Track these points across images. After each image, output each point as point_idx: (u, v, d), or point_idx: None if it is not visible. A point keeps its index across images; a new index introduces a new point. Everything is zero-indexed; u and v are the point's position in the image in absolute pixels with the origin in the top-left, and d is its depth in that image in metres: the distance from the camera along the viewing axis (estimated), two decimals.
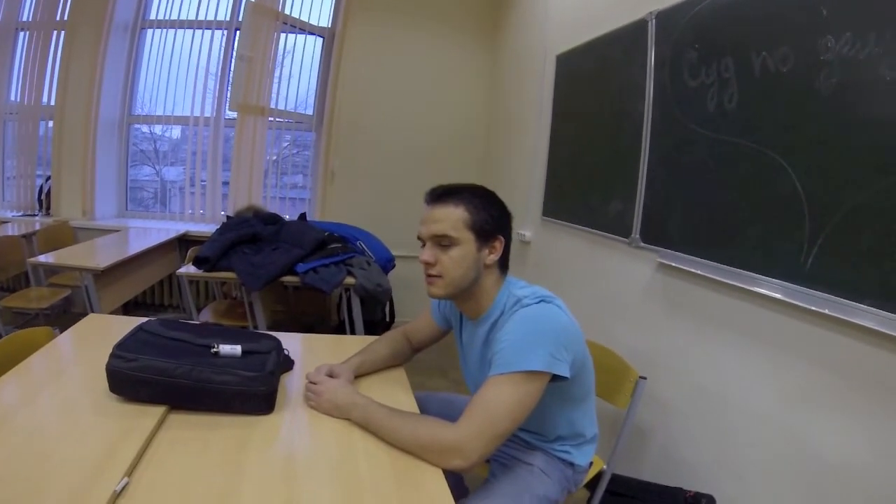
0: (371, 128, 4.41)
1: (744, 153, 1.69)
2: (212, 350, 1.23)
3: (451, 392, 1.94)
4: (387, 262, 3.30)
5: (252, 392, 1.20)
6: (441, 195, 1.31)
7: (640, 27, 2.25)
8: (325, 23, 4.46)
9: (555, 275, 3.13)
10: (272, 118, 4.38)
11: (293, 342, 1.70)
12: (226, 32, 4.44)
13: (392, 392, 1.46)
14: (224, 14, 4.45)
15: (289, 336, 1.72)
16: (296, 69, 4.52)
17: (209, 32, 4.44)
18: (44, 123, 4.64)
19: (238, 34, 4.22)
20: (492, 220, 1.31)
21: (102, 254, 3.21)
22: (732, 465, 1.75)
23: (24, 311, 3.54)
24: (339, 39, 4.26)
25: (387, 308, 3.77)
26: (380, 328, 3.55)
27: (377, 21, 4.31)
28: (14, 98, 4.75)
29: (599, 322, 2.51)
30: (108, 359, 1.19)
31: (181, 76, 4.53)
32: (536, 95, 3.39)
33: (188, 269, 2.78)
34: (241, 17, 4.15)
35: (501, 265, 1.37)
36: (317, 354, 1.64)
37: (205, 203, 4.55)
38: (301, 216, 3.57)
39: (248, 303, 2.79)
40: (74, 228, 4.28)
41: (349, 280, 2.73)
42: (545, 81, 3.25)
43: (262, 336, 1.41)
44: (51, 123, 4.55)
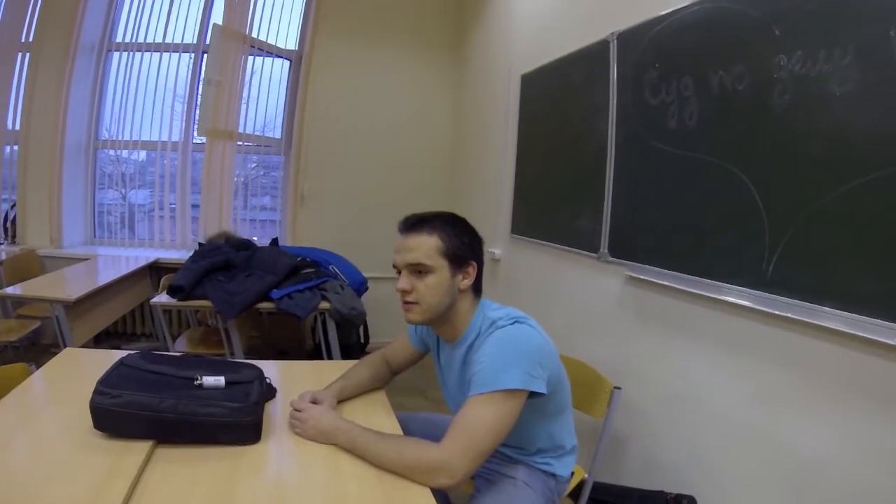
0: (339, 149, 4.43)
1: (704, 167, 1.76)
2: (195, 382, 1.23)
3: (431, 412, 1.96)
4: (360, 285, 3.31)
5: (238, 423, 1.20)
6: (414, 224, 1.36)
7: (603, 47, 2.33)
8: (293, 45, 4.48)
9: (525, 291, 3.17)
10: (240, 142, 4.37)
11: (273, 370, 1.71)
12: (193, 55, 4.44)
13: (375, 414, 1.48)
14: (191, 37, 4.44)
15: (268, 364, 1.73)
16: (263, 92, 4.52)
17: (176, 55, 4.43)
18: (8, 148, 4.52)
19: (205, 57, 4.23)
20: (464, 247, 1.36)
21: (72, 284, 3.15)
22: (710, 466, 1.80)
23: None
24: (307, 62, 4.29)
25: (361, 330, 3.77)
26: (355, 351, 3.55)
27: (343, 43, 4.35)
28: None
29: (572, 336, 2.55)
30: (92, 395, 1.18)
31: (148, 99, 4.48)
32: (502, 114, 3.45)
33: (162, 299, 2.75)
34: (209, 41, 4.16)
35: (475, 289, 1.42)
36: (297, 381, 1.64)
37: (174, 228, 4.50)
38: (273, 241, 3.56)
39: (224, 330, 2.78)
40: (41, 257, 4.18)
41: (324, 305, 2.73)
42: (510, 100, 3.32)
43: (244, 366, 1.42)
44: (16, 148, 4.44)
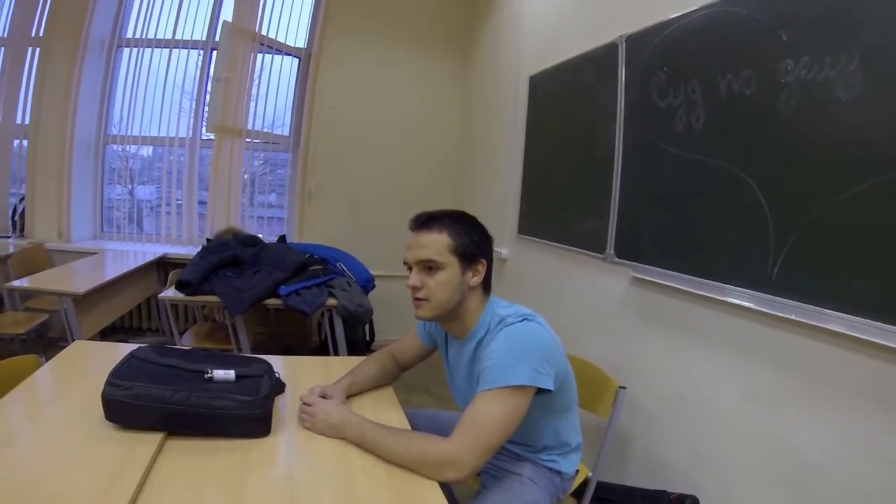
0: (347, 147, 4.45)
1: (711, 170, 1.78)
2: (205, 376, 1.25)
3: (437, 409, 1.98)
4: (367, 283, 3.33)
5: (249, 416, 1.22)
6: (425, 222, 1.38)
7: (611, 50, 2.34)
8: (302, 43, 4.51)
9: (532, 291, 3.19)
10: (249, 139, 4.40)
11: (281, 365, 1.72)
12: (202, 52, 4.46)
13: (383, 410, 1.50)
14: (201, 34, 4.47)
15: (276, 359, 1.75)
16: (272, 90, 4.54)
17: (185, 52, 4.46)
18: (17, 142, 4.55)
19: (214, 55, 4.26)
20: (474, 245, 1.37)
21: (80, 278, 3.18)
22: (712, 466, 1.82)
23: (0, 337, 3.48)
24: (315, 60, 4.31)
25: (367, 327, 3.79)
26: (361, 348, 3.57)
27: (352, 42, 4.37)
28: None
29: (578, 336, 2.57)
30: (104, 387, 1.20)
31: (156, 95, 4.51)
32: (510, 115, 3.47)
33: (170, 294, 2.78)
34: (218, 38, 4.18)
35: (484, 286, 1.43)
36: (305, 376, 1.66)
37: (181, 224, 4.54)
38: (280, 238, 3.59)
39: (231, 325, 2.80)
40: (49, 251, 4.21)
41: (331, 301, 2.75)
42: (518, 101, 3.34)
43: (253, 360, 1.44)
44: (24, 142, 4.47)
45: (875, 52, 1.28)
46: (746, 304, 1.64)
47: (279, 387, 1.50)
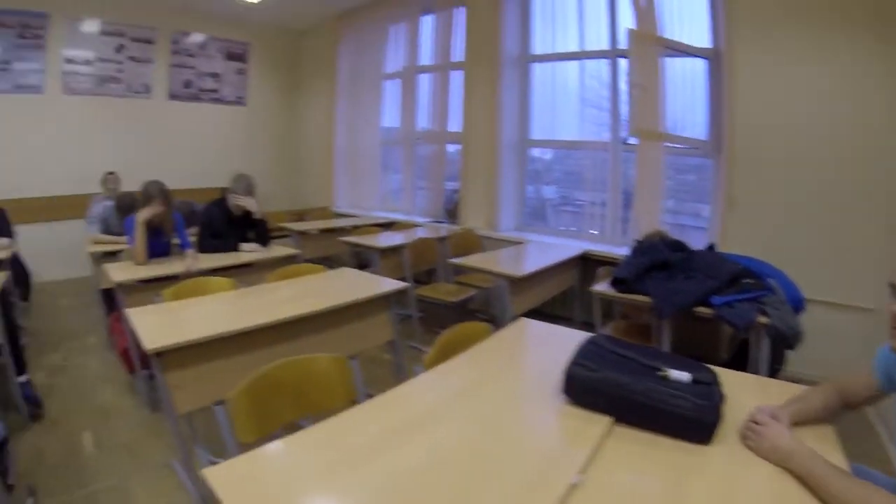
0: (773, 154, 3.92)
1: None
2: (658, 373, 1.30)
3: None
4: (797, 304, 2.98)
5: (701, 420, 1.23)
6: None
7: None
8: (706, 43, 4.27)
9: None
10: (667, 144, 4.38)
11: None
12: (609, 61, 4.70)
13: (822, 451, 1.33)
14: (604, 43, 4.71)
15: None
16: (682, 93, 4.44)
17: (590, 62, 4.80)
18: (450, 146, 5.76)
19: (621, 62, 4.52)
20: None
21: (510, 262, 3.66)
22: None
23: (435, 302, 4.21)
24: (727, 60, 4.02)
25: (778, 352, 3.40)
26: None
27: (769, 37, 3.84)
28: (422, 127, 6.05)
29: None
30: (570, 365, 1.36)
31: (567, 102, 4.98)
32: None
33: (603, 287, 2.95)
34: (625, 46, 4.34)
35: None
36: (741, 392, 1.57)
37: (605, 225, 4.79)
38: (710, 246, 3.48)
39: (656, 328, 2.84)
40: (480, 236, 5.00)
41: (762, 319, 2.56)
42: None
43: (701, 366, 1.43)
44: (455, 147, 5.60)
45: None
46: None
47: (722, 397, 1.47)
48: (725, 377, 1.80)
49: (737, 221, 4.10)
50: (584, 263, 4.31)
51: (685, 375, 1.28)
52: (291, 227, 5.38)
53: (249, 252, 3.81)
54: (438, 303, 4.21)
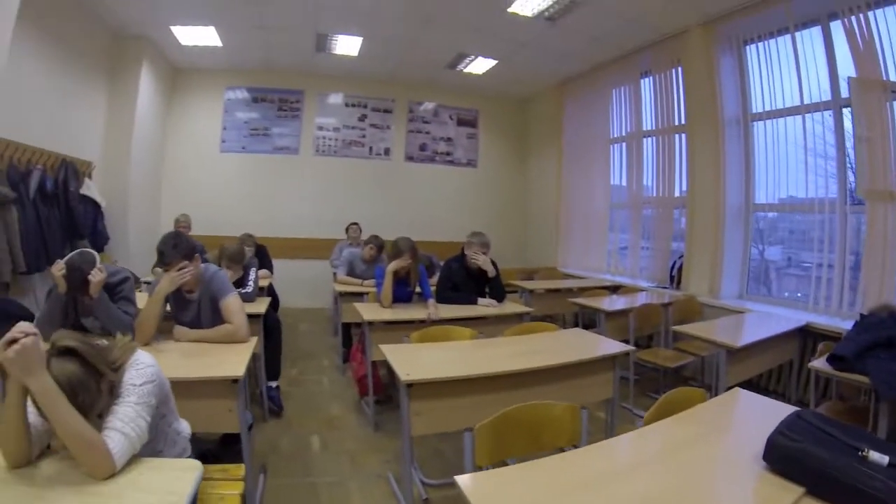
0: None
1: None
2: (860, 453, 1.38)
3: None
4: None
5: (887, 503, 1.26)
6: None
7: None
8: None
9: None
10: None
11: None
12: (833, 112, 4.38)
13: None
14: (825, 94, 4.41)
15: None
16: None
17: (811, 115, 4.52)
18: (676, 211, 5.73)
19: (846, 113, 4.17)
20: None
21: (729, 332, 3.60)
22: None
23: (653, 366, 4.25)
24: None
25: None
26: None
27: None
28: (649, 192, 6.13)
29: None
30: (774, 434, 1.47)
31: (791, 160, 4.76)
32: None
33: (820, 364, 2.84)
34: (845, 95, 4.09)
35: None
36: None
37: (831, 292, 4.40)
38: None
39: (874, 411, 2.69)
40: (701, 304, 4.93)
41: None
42: None
43: None
44: (681, 210, 5.56)
45: None
46: None
47: None
48: None
49: None
50: (805, 336, 4.08)
51: (885, 458, 1.34)
52: (521, 285, 5.88)
53: (486, 307, 4.19)
54: (657, 367, 4.28)
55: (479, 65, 7.26)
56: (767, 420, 1.62)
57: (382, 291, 4.04)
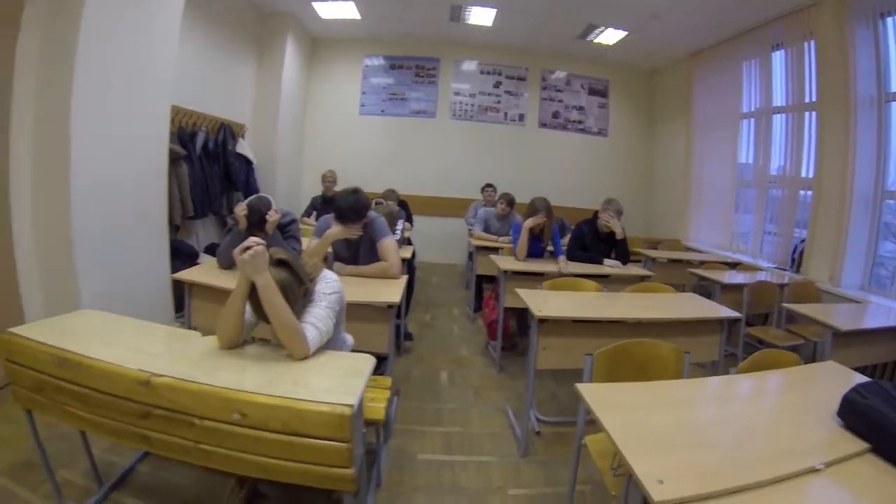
0: None
1: None
2: None
3: None
4: None
5: None
6: None
7: None
8: None
9: None
10: None
11: None
12: None
13: None
14: None
15: None
16: None
17: None
18: (803, 192, 5.59)
19: None
20: None
21: (841, 316, 3.58)
22: None
23: (761, 343, 4.27)
24: None
25: None
26: None
27: None
28: (776, 171, 6.03)
29: None
30: (849, 390, 1.70)
31: None
32: None
33: None
34: None
35: None
36: None
37: None
38: None
39: None
40: (819, 290, 4.88)
41: None
42: None
43: None
44: (808, 192, 5.43)
45: None
46: None
47: None
48: None
49: None
50: None
51: None
52: (645, 253, 6.15)
53: (611, 267, 4.53)
54: (765, 344, 4.29)
55: (609, 35, 7.35)
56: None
57: (518, 245, 4.46)
